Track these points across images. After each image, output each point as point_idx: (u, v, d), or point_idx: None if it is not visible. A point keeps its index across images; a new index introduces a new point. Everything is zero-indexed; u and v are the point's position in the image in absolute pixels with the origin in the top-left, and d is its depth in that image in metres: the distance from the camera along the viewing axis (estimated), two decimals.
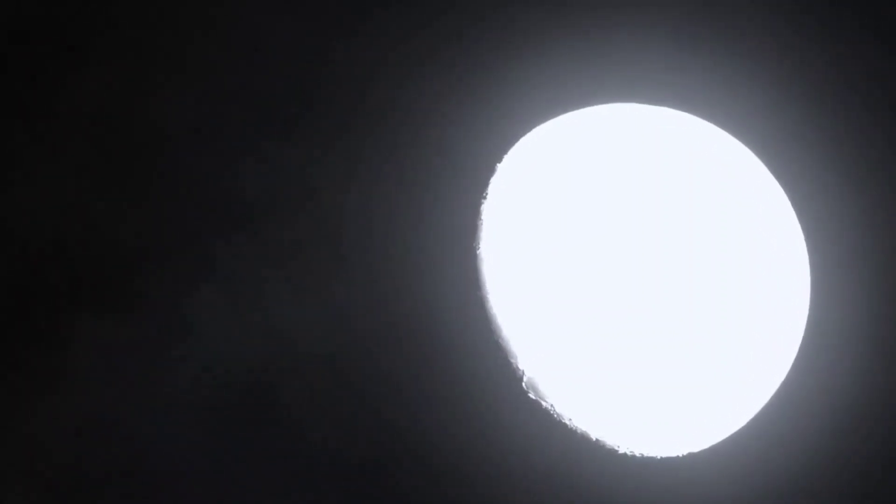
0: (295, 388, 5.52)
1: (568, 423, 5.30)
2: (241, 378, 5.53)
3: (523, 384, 5.36)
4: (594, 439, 5.27)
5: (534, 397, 5.35)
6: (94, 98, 5.53)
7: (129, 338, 5.57)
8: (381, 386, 5.45)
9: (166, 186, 5.53)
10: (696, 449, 5.15)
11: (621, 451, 5.23)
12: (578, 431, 5.29)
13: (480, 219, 5.38)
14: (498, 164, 5.34)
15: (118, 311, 5.57)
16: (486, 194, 5.37)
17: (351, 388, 5.47)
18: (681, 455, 5.17)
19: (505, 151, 5.33)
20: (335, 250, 5.47)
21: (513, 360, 5.38)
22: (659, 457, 5.19)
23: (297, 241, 5.47)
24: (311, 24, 5.33)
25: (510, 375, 5.37)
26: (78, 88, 5.53)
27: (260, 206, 5.49)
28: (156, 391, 5.56)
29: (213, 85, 5.45)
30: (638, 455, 5.21)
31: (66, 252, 5.61)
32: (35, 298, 5.62)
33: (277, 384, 5.52)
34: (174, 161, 5.52)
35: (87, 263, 5.60)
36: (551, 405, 5.32)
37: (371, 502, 5.45)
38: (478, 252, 5.40)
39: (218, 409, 5.54)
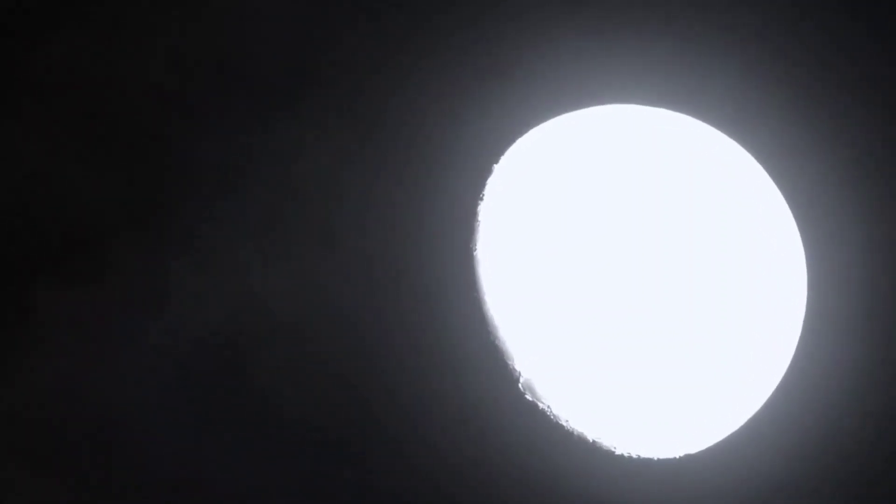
0: (265, 358, 5.50)
1: (565, 424, 5.30)
2: (212, 347, 5.52)
3: (520, 385, 5.36)
4: (591, 440, 5.27)
5: (531, 398, 5.34)
6: (62, 64, 5.47)
7: (99, 306, 5.54)
8: (357, 360, 5.45)
9: (138, 154, 5.48)
10: (693, 450, 5.15)
11: (619, 452, 5.24)
12: (576, 433, 5.29)
13: (477, 220, 5.38)
14: (495, 165, 5.33)
15: (89, 280, 5.54)
16: (483, 195, 5.36)
17: (323, 361, 5.46)
18: (678, 456, 5.17)
19: (502, 152, 5.32)
20: (311, 221, 5.43)
21: (510, 362, 5.38)
22: (656, 458, 5.19)
23: (273, 212, 5.44)
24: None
25: (507, 376, 5.37)
26: (47, 54, 5.46)
27: (235, 176, 5.44)
28: (127, 360, 5.55)
29: (190, 52, 5.40)
30: (635, 456, 5.22)
31: (35, 221, 5.57)
32: (4, 267, 5.58)
33: (247, 354, 5.51)
34: (146, 129, 5.47)
35: (58, 232, 5.56)
36: (548, 406, 5.32)
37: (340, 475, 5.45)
38: (474, 253, 5.40)
39: (188, 378, 5.53)
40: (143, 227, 5.52)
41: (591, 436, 5.28)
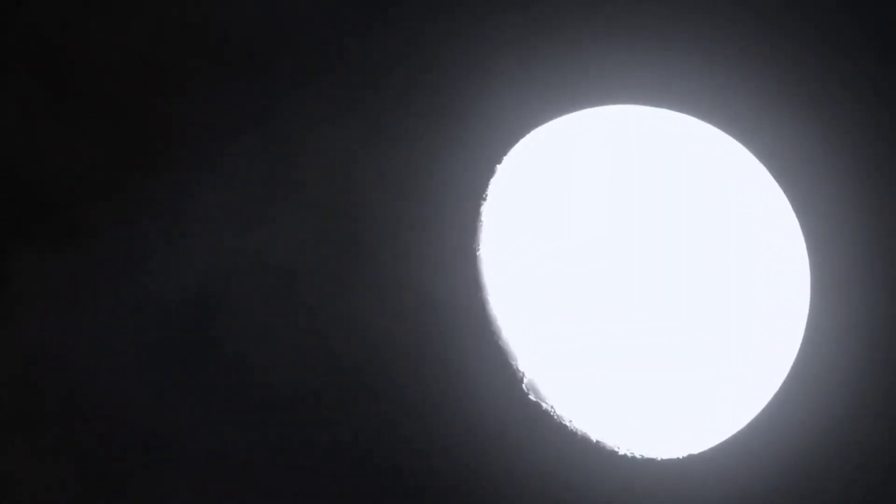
0: (238, 321, 5.51)
1: (569, 424, 5.30)
2: (186, 310, 5.54)
3: (524, 386, 5.36)
4: (595, 441, 5.27)
5: (534, 399, 5.34)
6: (42, 27, 5.46)
7: (73, 269, 5.55)
8: (340, 328, 5.45)
9: (115, 119, 5.48)
10: (696, 450, 5.15)
11: (622, 452, 5.23)
12: (579, 433, 5.29)
13: (480, 220, 5.38)
14: (497, 166, 5.34)
15: (62, 243, 5.54)
16: (486, 196, 5.36)
17: (297, 325, 5.47)
18: (681, 456, 5.17)
19: (504, 153, 5.32)
20: (286, 179, 5.42)
21: (513, 362, 5.38)
22: (659, 458, 5.19)
23: (248, 175, 5.43)
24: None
25: (511, 377, 5.37)
26: (26, 17, 5.46)
27: (210, 140, 5.43)
28: (102, 323, 5.55)
29: (171, 19, 5.38)
30: (638, 456, 5.21)
31: (8, 183, 5.57)
32: None
33: (221, 317, 5.51)
34: (124, 93, 5.46)
35: (31, 195, 5.56)
36: (552, 407, 5.32)
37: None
38: (478, 253, 5.40)
39: (161, 339, 5.55)
40: (119, 191, 5.50)
41: (594, 436, 5.28)
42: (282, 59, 5.32)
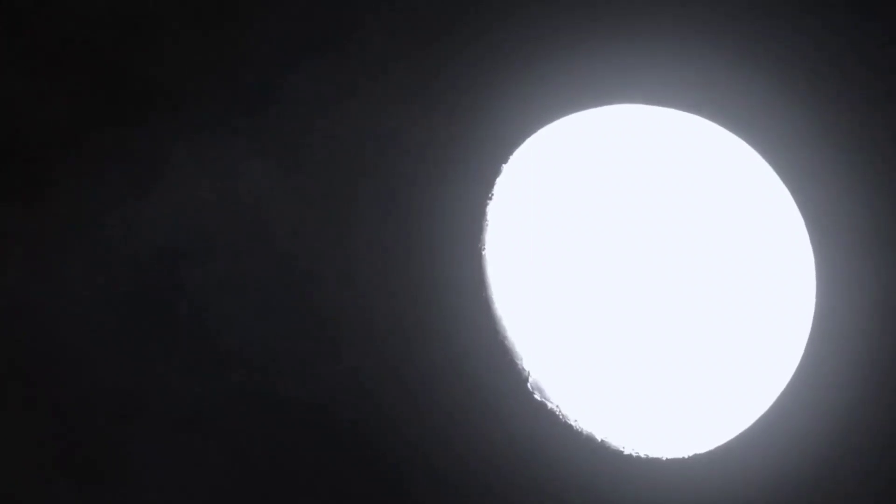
0: (203, 274, 5.50)
1: (573, 423, 5.29)
2: (149, 265, 5.51)
3: (529, 385, 5.35)
4: (600, 440, 5.26)
5: (539, 398, 5.34)
6: None
7: (36, 221, 5.52)
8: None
9: (81, 71, 5.43)
10: (701, 450, 5.13)
11: (627, 451, 5.22)
12: (584, 432, 5.28)
13: (486, 220, 5.38)
14: (503, 165, 5.34)
15: (24, 198, 5.51)
16: (492, 195, 5.37)
17: (262, 279, 5.45)
18: (686, 456, 5.15)
19: (510, 152, 5.33)
20: (252, 127, 5.38)
21: (518, 361, 5.38)
22: (665, 458, 5.17)
23: (215, 126, 5.41)
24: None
25: (516, 376, 5.36)
26: None
27: (178, 92, 5.42)
28: (65, 277, 5.53)
29: None
30: (643, 456, 5.20)
31: None
32: None
33: (185, 271, 5.50)
34: (89, 41, 5.40)
35: None
36: (557, 406, 5.31)
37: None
38: (483, 253, 5.40)
39: (125, 296, 5.52)
40: (86, 143, 5.46)
41: (599, 435, 5.27)
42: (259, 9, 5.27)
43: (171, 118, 5.41)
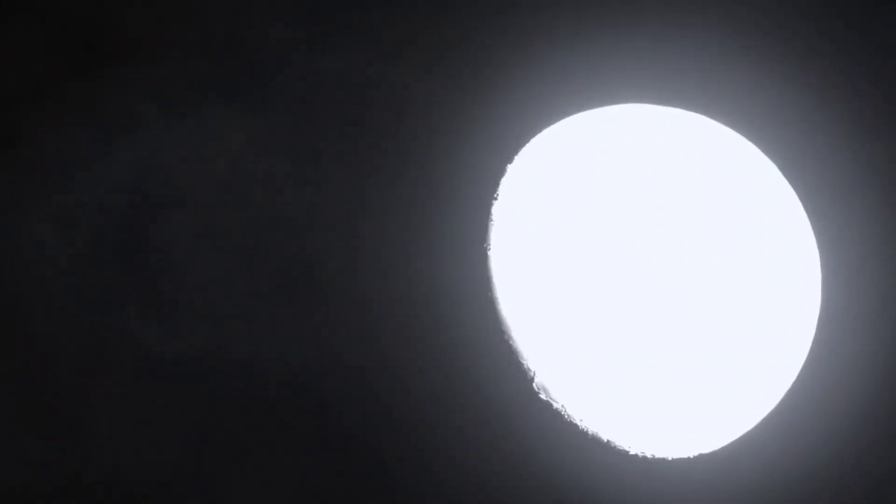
0: (172, 228, 5.46)
1: (579, 424, 5.29)
2: (119, 219, 5.47)
3: (534, 385, 5.35)
4: (605, 440, 5.26)
5: (545, 398, 5.33)
6: None
7: (3, 178, 5.48)
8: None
9: (53, 21, 5.41)
10: (707, 450, 5.13)
11: (633, 452, 5.22)
12: (589, 432, 5.27)
13: (491, 219, 5.38)
14: (508, 165, 5.34)
15: None
16: (497, 195, 5.37)
17: (233, 232, 5.43)
18: (692, 456, 5.15)
19: (515, 152, 5.33)
20: (223, 80, 5.35)
21: (523, 361, 5.37)
22: (670, 458, 5.17)
23: (189, 78, 5.38)
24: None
25: (521, 376, 5.36)
26: None
27: (148, 42, 5.39)
28: (34, 230, 5.49)
29: None
30: (649, 456, 5.20)
31: None
32: None
33: (155, 223, 5.46)
34: None
35: None
36: (562, 406, 5.31)
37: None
38: (488, 252, 5.40)
39: (93, 249, 5.48)
40: (55, 96, 5.43)
41: (605, 435, 5.26)
42: None
43: (141, 72, 5.36)
